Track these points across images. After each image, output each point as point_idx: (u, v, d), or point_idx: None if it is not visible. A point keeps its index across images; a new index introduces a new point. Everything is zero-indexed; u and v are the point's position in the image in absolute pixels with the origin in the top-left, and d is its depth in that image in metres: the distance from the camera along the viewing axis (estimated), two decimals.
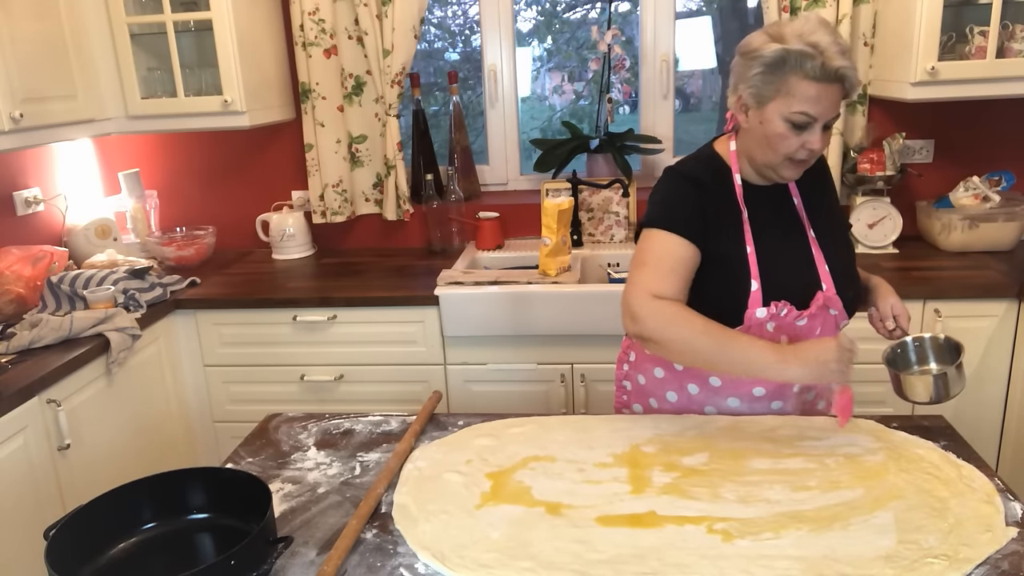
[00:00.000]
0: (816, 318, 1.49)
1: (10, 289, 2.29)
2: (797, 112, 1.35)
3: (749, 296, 1.45)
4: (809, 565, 1.09)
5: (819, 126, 1.38)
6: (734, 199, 1.50)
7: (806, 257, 1.51)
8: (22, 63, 2.21)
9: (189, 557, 1.22)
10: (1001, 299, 2.25)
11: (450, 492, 1.31)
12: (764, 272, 1.47)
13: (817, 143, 1.39)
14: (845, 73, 1.33)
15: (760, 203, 1.51)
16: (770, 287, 1.46)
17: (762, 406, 1.55)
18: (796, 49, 1.32)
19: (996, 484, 1.26)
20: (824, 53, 1.32)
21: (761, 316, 1.45)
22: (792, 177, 1.48)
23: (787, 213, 1.54)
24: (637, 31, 2.93)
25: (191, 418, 2.60)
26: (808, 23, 1.35)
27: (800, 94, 1.34)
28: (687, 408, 1.59)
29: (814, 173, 1.54)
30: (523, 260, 2.80)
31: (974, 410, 2.33)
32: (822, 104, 1.35)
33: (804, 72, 1.33)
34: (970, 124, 2.74)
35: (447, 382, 2.49)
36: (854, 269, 1.58)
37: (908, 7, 2.34)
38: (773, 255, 1.48)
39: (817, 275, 1.50)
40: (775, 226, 1.51)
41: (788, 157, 1.41)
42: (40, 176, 2.72)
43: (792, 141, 1.39)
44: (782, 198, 1.54)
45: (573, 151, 2.87)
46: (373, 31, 2.72)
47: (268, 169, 3.05)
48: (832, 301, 1.49)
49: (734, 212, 1.49)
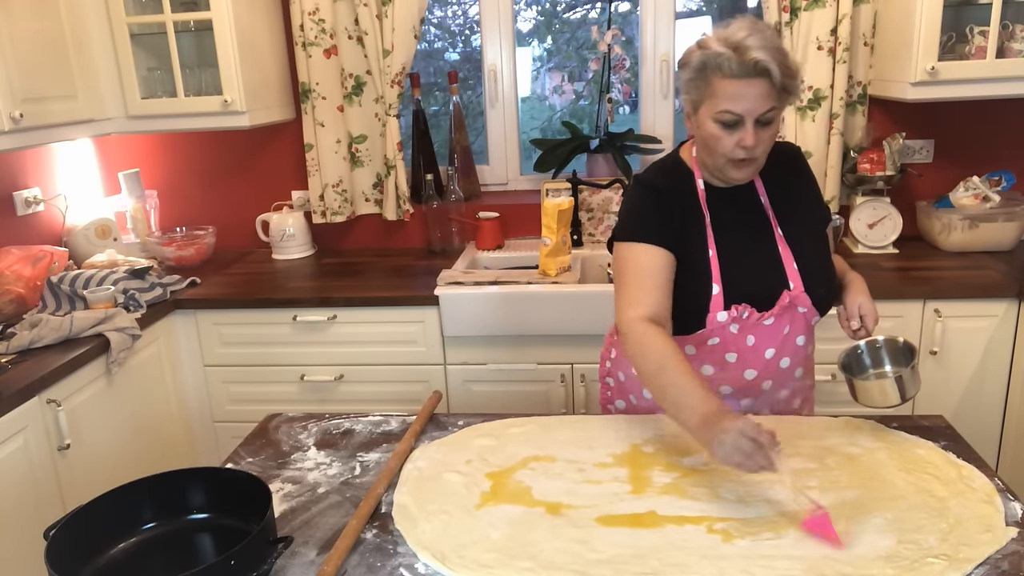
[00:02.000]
0: (783, 317, 1.50)
1: (10, 289, 2.29)
2: (722, 111, 1.37)
3: (711, 300, 1.47)
4: (809, 565, 1.09)
5: (750, 123, 1.37)
6: (697, 203, 1.51)
7: (772, 257, 1.51)
8: (22, 63, 2.21)
9: (189, 557, 1.22)
10: (1001, 299, 2.24)
11: (450, 492, 1.31)
12: (726, 275, 1.48)
13: (750, 140, 1.37)
14: (766, 66, 1.31)
15: (724, 205, 1.52)
16: (732, 289, 1.48)
17: (731, 403, 1.56)
18: (713, 51, 1.34)
19: (996, 484, 1.26)
20: (739, 50, 1.32)
21: (722, 320, 1.47)
22: (741, 178, 1.47)
23: (753, 213, 1.54)
24: (637, 31, 2.93)
25: (191, 418, 2.60)
26: (734, 26, 1.36)
27: (722, 93, 1.36)
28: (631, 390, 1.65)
29: (784, 169, 1.55)
30: (523, 260, 2.80)
31: (974, 410, 2.33)
32: (746, 101, 1.34)
33: (723, 72, 1.34)
34: (970, 124, 2.74)
35: (447, 382, 2.49)
36: (826, 266, 1.56)
37: (908, 7, 2.34)
38: (736, 257, 1.50)
39: (784, 274, 1.50)
40: (740, 227, 1.52)
41: (728, 158, 1.42)
42: (40, 176, 2.72)
43: (726, 141, 1.39)
44: (748, 198, 1.54)
45: (573, 151, 2.87)
46: (373, 31, 2.72)
47: (268, 169, 3.05)
48: (799, 299, 1.49)
49: (697, 216, 1.51)
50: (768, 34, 1.36)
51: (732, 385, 1.55)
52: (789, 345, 1.52)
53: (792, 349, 1.53)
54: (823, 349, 1.75)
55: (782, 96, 1.37)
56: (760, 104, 1.35)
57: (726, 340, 1.50)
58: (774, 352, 1.51)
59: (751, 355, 1.51)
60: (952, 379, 2.33)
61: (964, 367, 2.31)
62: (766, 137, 1.40)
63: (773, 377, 1.54)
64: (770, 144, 1.42)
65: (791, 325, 1.51)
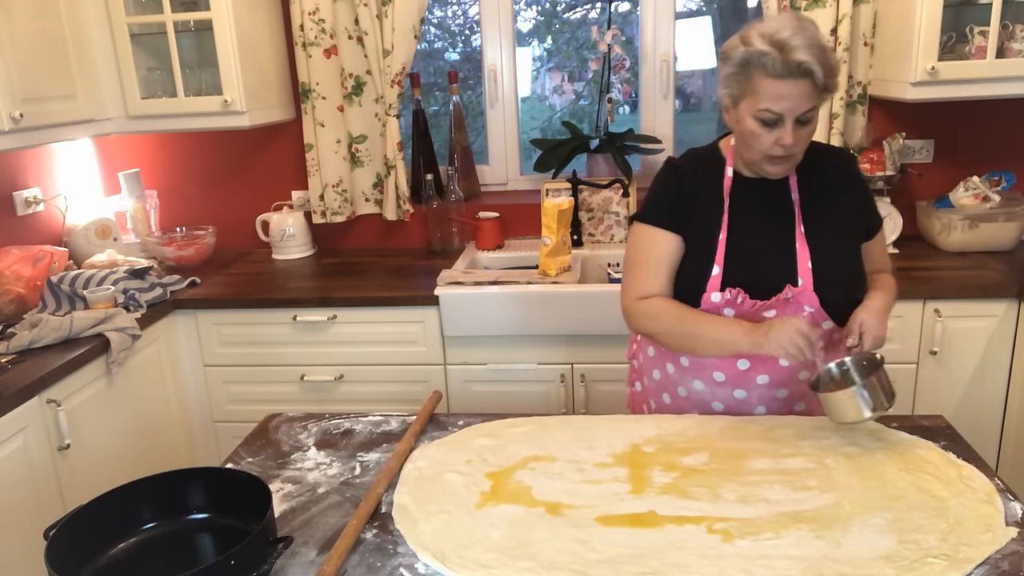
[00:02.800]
0: (784, 312, 1.49)
1: (10, 289, 2.29)
2: (763, 109, 1.39)
3: (709, 280, 1.50)
4: (809, 565, 1.09)
5: (789, 122, 1.39)
6: (720, 189, 1.54)
7: (785, 251, 1.51)
8: (22, 63, 2.21)
9: (189, 557, 1.22)
10: (1001, 299, 2.25)
11: (450, 492, 1.31)
12: (730, 259, 1.51)
13: (789, 139, 1.39)
14: (809, 67, 1.33)
15: (750, 196, 1.54)
16: (732, 273, 1.50)
17: (724, 392, 1.57)
18: (757, 49, 1.35)
19: (996, 484, 1.26)
20: (784, 49, 1.33)
21: (716, 300, 1.50)
22: (776, 174, 1.49)
23: (779, 207, 1.54)
24: (637, 31, 2.93)
25: (191, 418, 2.60)
26: (777, 22, 1.37)
27: (764, 92, 1.37)
28: (664, 388, 1.64)
29: (829, 172, 1.55)
30: (523, 260, 2.80)
31: (974, 410, 2.33)
32: (788, 101, 1.36)
33: (766, 70, 1.36)
34: (970, 124, 2.74)
35: (447, 382, 2.49)
36: (847, 271, 1.54)
37: (908, 7, 2.34)
38: (746, 245, 1.52)
39: (794, 270, 1.50)
40: (760, 218, 1.53)
41: (765, 154, 1.44)
42: (40, 176, 2.72)
43: (765, 138, 1.42)
44: (778, 192, 1.54)
45: (573, 151, 2.87)
46: (373, 31, 2.72)
47: (268, 169, 3.05)
48: (805, 297, 1.49)
49: (716, 201, 1.54)
50: (811, 32, 1.36)
51: (725, 373, 1.56)
52: None
53: None
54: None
55: (823, 95, 1.39)
56: (801, 104, 1.37)
57: None
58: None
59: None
60: (952, 379, 2.33)
61: (964, 367, 2.31)
62: (804, 135, 1.42)
63: (770, 373, 1.54)
64: (807, 142, 1.44)
65: None
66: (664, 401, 1.68)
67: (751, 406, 1.58)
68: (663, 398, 1.68)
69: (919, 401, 2.35)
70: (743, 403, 1.58)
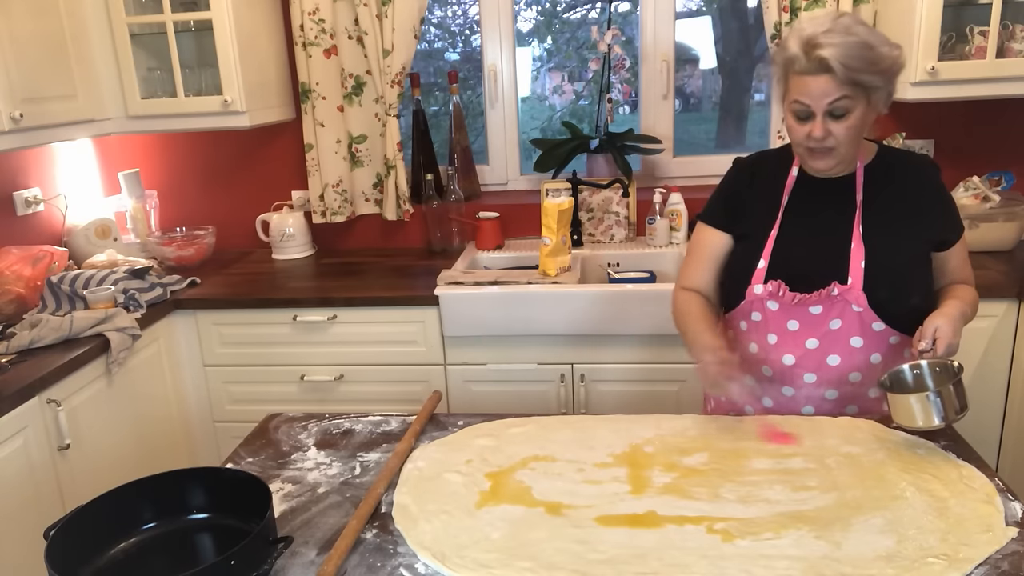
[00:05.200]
0: (831, 310, 1.51)
1: (10, 289, 2.29)
2: (793, 101, 1.46)
3: (754, 273, 1.55)
4: (809, 565, 1.09)
5: (819, 115, 1.43)
6: (781, 186, 1.59)
7: (839, 250, 1.52)
8: (22, 63, 2.21)
9: (189, 557, 1.22)
10: (1001, 299, 2.24)
11: (450, 492, 1.31)
12: (778, 253, 1.55)
13: (817, 131, 1.44)
14: (829, 64, 1.38)
15: (813, 195, 1.57)
16: (778, 267, 1.54)
17: (774, 389, 1.60)
18: (790, 53, 1.43)
19: (996, 484, 1.26)
20: (809, 46, 1.39)
21: (759, 292, 1.54)
22: (820, 168, 1.52)
23: (842, 208, 1.55)
24: (637, 31, 2.93)
25: (191, 418, 2.60)
26: (815, 21, 1.43)
27: (793, 87, 1.45)
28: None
29: (903, 177, 1.55)
30: (523, 260, 2.80)
31: (974, 410, 2.30)
32: (812, 94, 1.42)
33: (795, 69, 1.43)
34: (970, 124, 2.74)
35: (447, 382, 2.49)
36: (904, 275, 1.52)
37: (908, 7, 2.34)
38: (798, 241, 1.55)
39: (845, 269, 1.51)
40: (819, 217, 1.56)
41: (803, 146, 1.49)
42: (40, 176, 2.72)
43: (798, 131, 1.48)
44: (842, 193, 1.56)
45: (573, 151, 2.87)
46: (373, 31, 2.72)
47: (268, 169, 3.05)
48: (853, 295, 1.49)
49: (775, 197, 1.59)
50: (847, 27, 1.39)
51: (771, 367, 1.58)
52: (839, 343, 1.52)
53: (844, 348, 1.52)
54: None
55: (856, 89, 1.41)
56: (825, 96, 1.41)
57: (767, 318, 1.56)
58: (817, 344, 1.52)
59: (791, 340, 1.54)
60: None
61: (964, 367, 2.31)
62: (840, 129, 1.44)
63: (817, 371, 1.54)
64: (849, 136, 1.45)
65: (843, 322, 1.51)
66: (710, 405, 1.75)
67: (799, 404, 1.59)
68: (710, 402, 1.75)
69: None
70: (791, 401, 1.59)
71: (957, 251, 1.61)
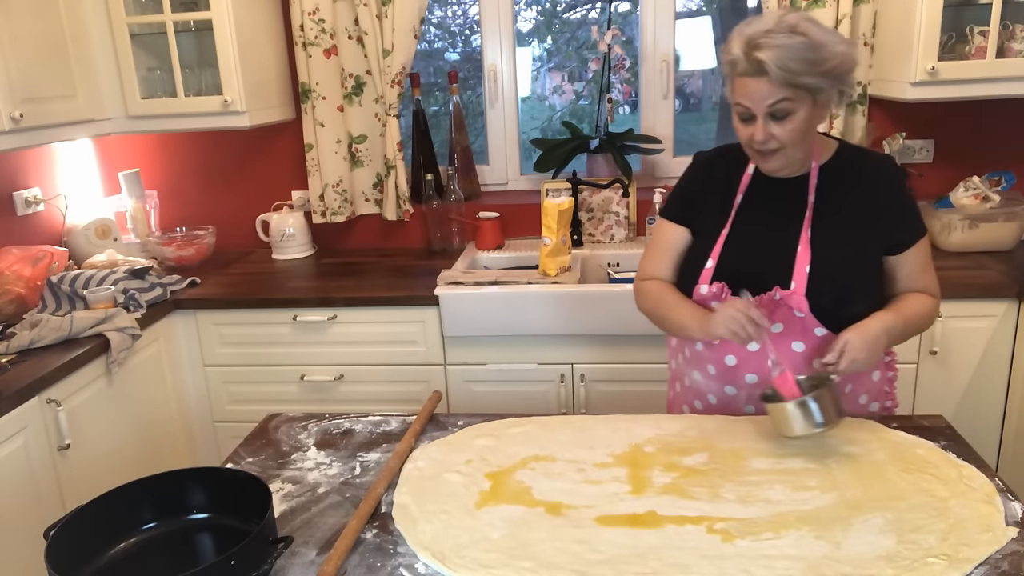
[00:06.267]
0: (774, 314, 1.50)
1: (10, 289, 2.29)
2: (735, 103, 1.45)
3: (702, 272, 1.55)
4: (809, 565, 1.09)
5: (759, 117, 1.42)
6: (736, 185, 1.58)
7: (785, 253, 1.50)
8: (22, 63, 2.21)
9: (189, 557, 1.22)
10: (1001, 299, 2.24)
11: (450, 492, 1.31)
12: (727, 254, 1.54)
13: (758, 134, 1.43)
14: (764, 68, 1.36)
15: (766, 194, 1.56)
16: (724, 269, 1.54)
17: (717, 386, 1.60)
18: (733, 53, 1.41)
19: (996, 484, 1.26)
20: (750, 47, 1.38)
21: (704, 292, 1.54)
22: (768, 169, 1.52)
23: (792, 208, 1.53)
24: (637, 31, 2.93)
25: (191, 418, 2.60)
26: (760, 21, 1.40)
27: (737, 89, 1.44)
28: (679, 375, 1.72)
29: (856, 177, 1.52)
30: (523, 260, 2.80)
31: (974, 410, 2.33)
32: (751, 97, 1.41)
33: (737, 70, 1.42)
34: (970, 124, 2.74)
35: (447, 382, 2.49)
36: (844, 281, 1.49)
37: (908, 7, 2.34)
38: (747, 242, 1.54)
39: (789, 273, 1.49)
40: (771, 218, 1.54)
41: (749, 148, 1.49)
42: (40, 176, 2.71)
43: (743, 133, 1.47)
44: (795, 193, 1.53)
45: (573, 151, 2.87)
46: (373, 31, 2.72)
47: (268, 169, 3.05)
48: (794, 301, 1.47)
49: (729, 196, 1.58)
50: (791, 27, 1.36)
51: (715, 367, 1.58)
52: (780, 347, 1.50)
53: (785, 352, 1.50)
54: None
55: (798, 91, 1.38)
56: (763, 98, 1.40)
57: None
58: (758, 347, 1.51)
59: (733, 343, 1.51)
60: (952, 379, 2.33)
61: (964, 367, 2.31)
62: (782, 132, 1.42)
63: (758, 372, 1.54)
64: (794, 138, 1.43)
65: (784, 326, 1.50)
66: (676, 390, 1.73)
67: (741, 403, 1.59)
68: (676, 387, 1.74)
69: (919, 401, 2.35)
70: (733, 400, 1.59)
71: (913, 256, 1.54)
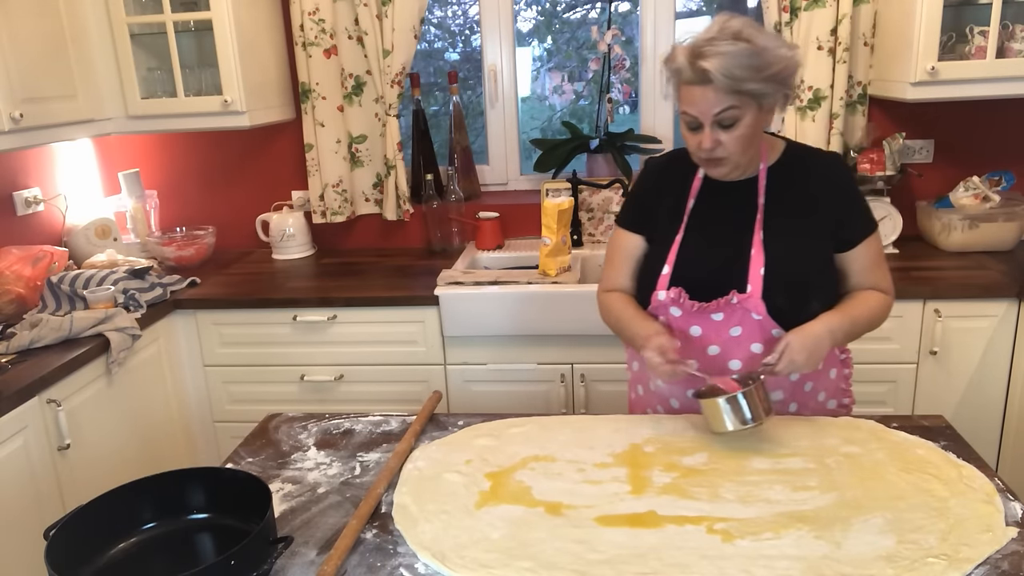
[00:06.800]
0: (732, 317, 1.50)
1: (10, 289, 2.29)
2: (682, 112, 1.45)
3: (659, 279, 1.55)
4: (809, 565, 1.09)
5: (706, 126, 1.42)
6: (687, 191, 1.58)
7: (739, 256, 1.51)
8: (22, 63, 2.21)
9: (189, 557, 1.22)
10: (1001, 299, 2.24)
11: (450, 492, 1.31)
12: (682, 259, 1.54)
13: (706, 142, 1.43)
14: (709, 76, 1.36)
15: (717, 199, 1.57)
16: (681, 274, 1.54)
17: (678, 390, 1.60)
18: (677, 62, 1.41)
19: (996, 484, 1.26)
20: (694, 56, 1.38)
21: (662, 299, 1.54)
22: (716, 176, 1.54)
23: (744, 212, 1.54)
24: (637, 31, 2.93)
25: (191, 418, 2.60)
26: (704, 31, 1.42)
27: (683, 98, 1.44)
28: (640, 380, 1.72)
29: (804, 176, 1.53)
30: (523, 260, 2.80)
31: (974, 410, 2.33)
32: (698, 105, 1.41)
33: (682, 79, 1.42)
34: (970, 124, 2.74)
35: (447, 382, 2.49)
36: (799, 281, 1.50)
37: (908, 7, 2.34)
38: (701, 247, 1.55)
39: (744, 276, 1.49)
40: (721, 222, 1.55)
41: (697, 156, 1.50)
42: (40, 176, 2.71)
43: (691, 141, 1.48)
44: (745, 196, 1.54)
45: (573, 151, 2.87)
46: (373, 31, 2.72)
47: (268, 169, 3.05)
48: (751, 303, 1.47)
49: (681, 202, 1.58)
50: (734, 32, 1.38)
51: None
52: (740, 349, 1.51)
53: (745, 354, 1.52)
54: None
55: (743, 97, 1.39)
56: (709, 106, 1.40)
57: (670, 324, 1.55)
58: (719, 351, 1.52)
59: (694, 345, 1.54)
60: (952, 379, 2.33)
61: (964, 367, 2.31)
62: (729, 139, 1.43)
63: (720, 376, 1.53)
64: (740, 145, 1.44)
65: (743, 328, 1.50)
66: (639, 392, 1.72)
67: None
68: (638, 389, 1.73)
69: (919, 401, 2.35)
70: (694, 403, 1.56)
71: (863, 252, 1.55)
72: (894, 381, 2.34)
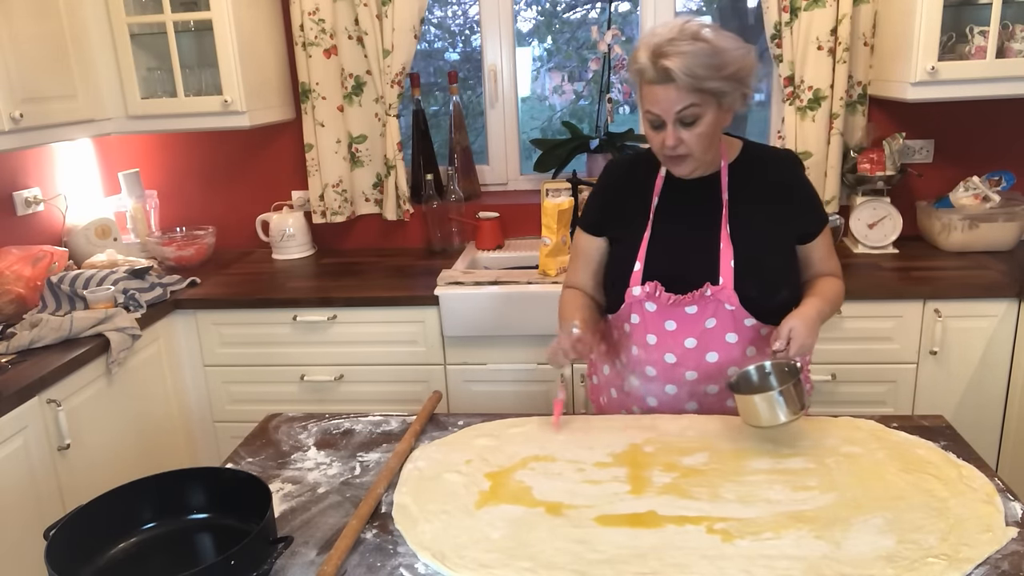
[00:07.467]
0: (705, 309, 1.54)
1: (10, 289, 2.29)
2: (645, 111, 1.48)
3: (631, 276, 1.57)
4: (809, 565, 1.09)
5: (669, 124, 1.45)
6: (650, 189, 1.61)
7: (709, 249, 1.55)
8: (22, 63, 2.21)
9: (189, 557, 1.22)
10: (1001, 299, 2.24)
11: (450, 492, 1.31)
12: (653, 256, 1.57)
13: (669, 140, 1.46)
14: (672, 75, 1.39)
15: (681, 196, 1.60)
16: (653, 270, 1.56)
17: (657, 387, 1.62)
18: (640, 62, 1.44)
19: (996, 484, 1.26)
20: (656, 55, 1.41)
21: (637, 294, 1.56)
22: (679, 174, 1.56)
23: (709, 207, 1.57)
24: (637, 31, 2.93)
25: (191, 418, 2.60)
26: (662, 30, 1.45)
27: (646, 97, 1.47)
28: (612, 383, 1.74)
29: (764, 171, 1.59)
30: (523, 260, 2.80)
31: (974, 410, 2.33)
32: (661, 104, 1.44)
33: (644, 78, 1.45)
34: (970, 124, 2.74)
35: (447, 382, 2.49)
36: (772, 271, 1.56)
37: (908, 7, 2.34)
38: (670, 243, 1.57)
39: (716, 268, 1.53)
40: (687, 218, 1.58)
41: (660, 154, 1.53)
42: (40, 176, 2.72)
43: (654, 139, 1.51)
44: (708, 192, 1.58)
45: (573, 151, 2.87)
46: (373, 31, 2.72)
47: (268, 169, 3.05)
48: (724, 295, 1.52)
49: (645, 200, 1.61)
50: (693, 33, 1.41)
51: (654, 367, 1.60)
52: (716, 340, 1.55)
53: (721, 345, 1.55)
54: (821, 349, 1.74)
55: (704, 96, 1.42)
56: (672, 105, 1.43)
57: (646, 320, 1.58)
58: (696, 343, 1.55)
59: (671, 340, 1.56)
60: (952, 379, 2.33)
61: (964, 367, 2.31)
62: (691, 137, 1.46)
63: (697, 368, 1.57)
64: (702, 142, 1.48)
65: (717, 320, 1.54)
66: (612, 395, 1.74)
67: (682, 402, 1.61)
68: (611, 392, 1.74)
69: (919, 401, 2.35)
70: (675, 399, 1.61)
71: (820, 243, 1.63)
72: (894, 381, 2.34)
